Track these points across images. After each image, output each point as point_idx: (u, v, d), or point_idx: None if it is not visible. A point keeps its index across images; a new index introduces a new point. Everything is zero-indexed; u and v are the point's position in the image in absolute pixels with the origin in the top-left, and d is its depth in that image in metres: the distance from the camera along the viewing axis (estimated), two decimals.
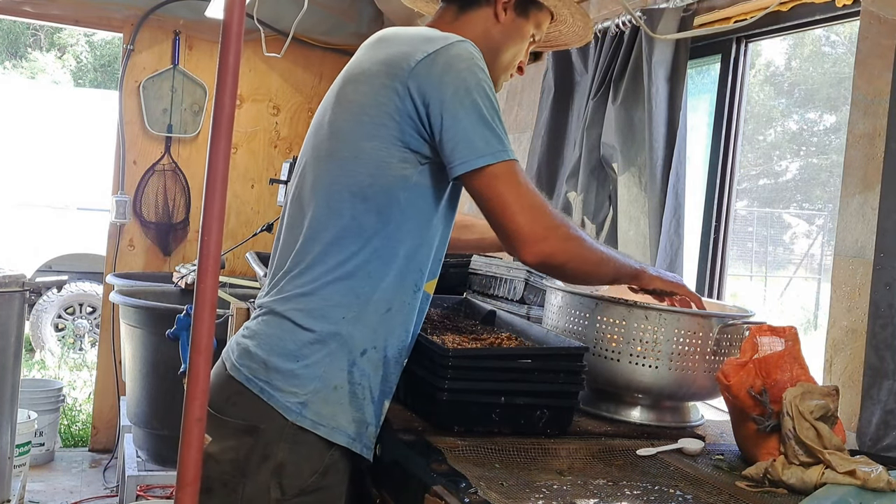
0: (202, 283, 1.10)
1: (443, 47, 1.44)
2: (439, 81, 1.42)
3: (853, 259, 1.88)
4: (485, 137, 1.42)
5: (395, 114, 1.44)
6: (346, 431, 1.48)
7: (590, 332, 1.74)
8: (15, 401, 3.11)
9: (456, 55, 1.44)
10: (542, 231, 1.44)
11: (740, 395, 1.53)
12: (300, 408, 1.45)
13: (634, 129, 2.58)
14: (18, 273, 3.05)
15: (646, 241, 2.49)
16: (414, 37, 1.50)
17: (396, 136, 1.45)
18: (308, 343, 1.46)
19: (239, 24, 1.10)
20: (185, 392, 1.14)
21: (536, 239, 1.44)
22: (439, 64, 1.43)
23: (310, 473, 1.46)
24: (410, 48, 1.46)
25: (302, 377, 1.46)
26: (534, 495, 1.29)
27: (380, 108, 1.45)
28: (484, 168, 1.42)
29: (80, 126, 7.59)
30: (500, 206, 1.43)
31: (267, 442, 1.45)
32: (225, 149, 1.10)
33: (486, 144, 1.42)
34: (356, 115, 1.48)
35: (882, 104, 1.82)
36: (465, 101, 1.42)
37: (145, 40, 4.59)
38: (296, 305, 1.48)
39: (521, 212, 1.43)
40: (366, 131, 1.47)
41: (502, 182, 1.43)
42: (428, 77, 1.43)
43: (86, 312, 7.55)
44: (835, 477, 1.36)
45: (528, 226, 1.44)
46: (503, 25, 1.62)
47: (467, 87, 1.42)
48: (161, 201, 4.67)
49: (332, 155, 1.51)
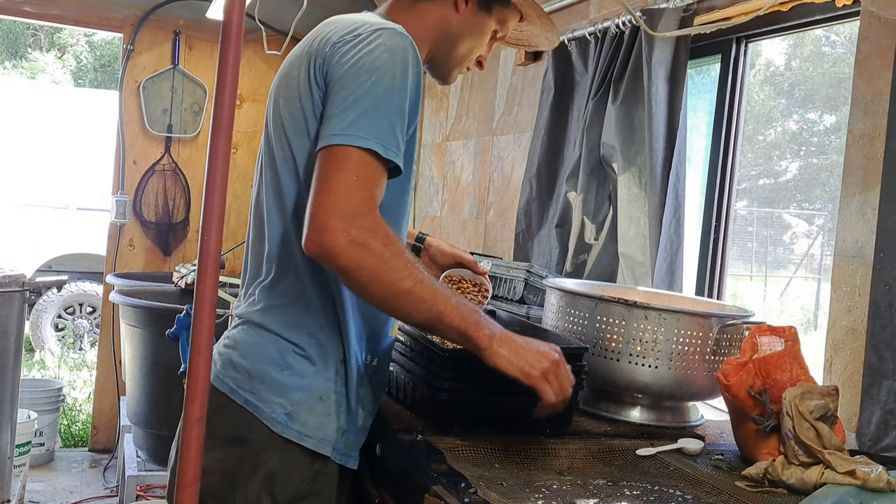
0: (202, 283, 1.10)
1: (364, 34, 1.36)
2: (340, 61, 1.34)
3: (853, 259, 1.88)
4: (355, 119, 1.29)
5: (315, 106, 1.38)
6: (332, 442, 1.45)
7: (590, 332, 1.74)
8: (15, 401, 3.11)
9: (372, 40, 1.34)
10: (332, 223, 1.24)
11: (740, 395, 1.53)
12: (286, 419, 1.42)
13: (634, 129, 2.58)
14: (18, 273, 3.05)
15: (646, 241, 2.50)
16: (346, 22, 1.42)
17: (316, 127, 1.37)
18: (290, 352, 1.43)
19: (239, 24, 1.10)
20: (185, 392, 1.14)
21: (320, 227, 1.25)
22: (350, 46, 1.35)
23: (300, 480, 1.44)
24: (333, 33, 1.39)
25: (287, 387, 1.42)
26: (534, 495, 1.29)
27: (300, 101, 1.39)
28: (329, 147, 1.29)
29: (80, 126, 7.59)
30: (318, 183, 1.27)
31: (256, 452, 1.42)
32: (225, 149, 1.10)
33: (350, 124, 1.29)
34: (286, 110, 1.42)
35: (882, 104, 1.83)
36: (355, 80, 1.31)
37: (145, 40, 4.60)
38: (273, 317, 1.44)
39: (333, 195, 1.25)
40: (296, 128, 1.41)
41: (333, 161, 1.27)
42: (333, 59, 1.35)
43: (86, 312, 7.55)
44: (834, 477, 1.36)
45: (325, 212, 1.24)
46: (462, 17, 1.56)
47: (366, 68, 1.32)
48: (161, 201, 4.67)
49: (274, 157, 1.45)
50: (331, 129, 1.30)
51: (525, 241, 3.13)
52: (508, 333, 1.37)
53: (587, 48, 2.88)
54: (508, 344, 1.36)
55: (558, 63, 3.03)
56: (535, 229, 3.08)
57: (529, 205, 3.09)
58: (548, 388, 1.35)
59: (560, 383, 1.37)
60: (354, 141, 1.27)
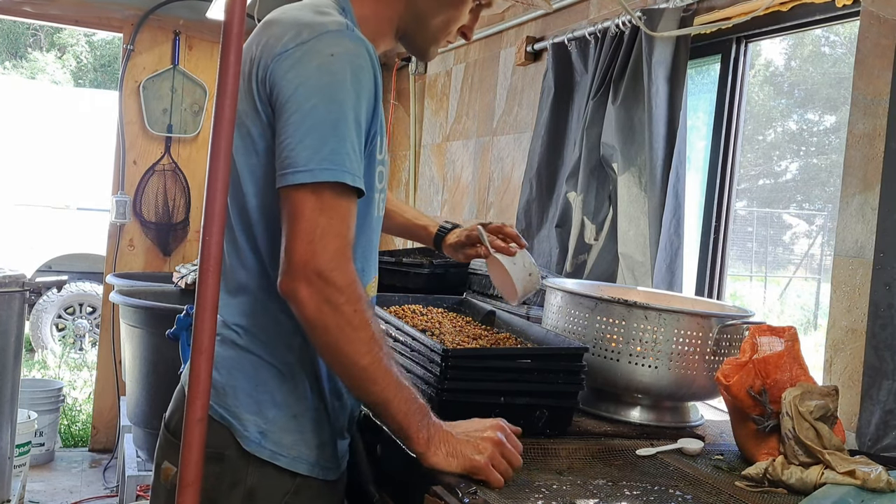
0: (203, 283, 1.10)
1: (310, 40, 1.28)
2: (286, 77, 1.27)
3: (853, 259, 1.88)
4: (315, 148, 1.23)
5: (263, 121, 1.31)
6: (307, 459, 1.41)
7: (590, 332, 1.74)
8: (15, 401, 3.12)
9: (317, 50, 1.27)
10: (318, 280, 1.22)
11: (740, 395, 1.53)
12: (259, 437, 1.38)
13: (634, 129, 2.58)
14: (18, 273, 3.05)
15: (646, 241, 2.50)
16: (288, 23, 1.33)
17: (265, 146, 1.32)
18: (263, 369, 1.39)
19: (239, 24, 1.10)
20: (186, 392, 1.14)
21: (302, 275, 1.22)
22: (294, 58, 1.27)
23: (282, 495, 1.40)
24: (275, 40, 1.31)
25: (261, 404, 1.38)
26: (534, 495, 1.29)
27: (247, 117, 1.33)
28: (295, 186, 1.23)
29: (80, 126, 7.60)
30: (292, 225, 1.24)
31: (234, 468, 1.37)
32: (225, 149, 1.10)
33: (312, 156, 1.23)
34: (238, 125, 1.33)
35: (882, 104, 1.83)
36: (307, 101, 1.25)
37: (145, 40, 4.60)
38: (244, 333, 1.40)
39: (309, 243, 1.23)
40: (243, 145, 1.34)
41: (312, 203, 1.23)
42: (278, 72, 1.27)
43: (86, 312, 7.55)
44: (834, 477, 1.36)
45: (302, 260, 1.22)
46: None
47: (313, 85, 1.25)
48: (161, 201, 4.68)
49: (230, 174, 1.39)
50: (293, 164, 1.24)
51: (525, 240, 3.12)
52: (446, 430, 1.33)
53: (587, 48, 2.88)
54: (446, 443, 1.32)
55: (558, 63, 3.03)
56: (535, 229, 3.08)
57: (529, 205, 3.09)
58: (495, 476, 1.30)
59: (509, 461, 1.33)
60: (321, 176, 1.23)
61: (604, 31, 2.75)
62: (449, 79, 4.20)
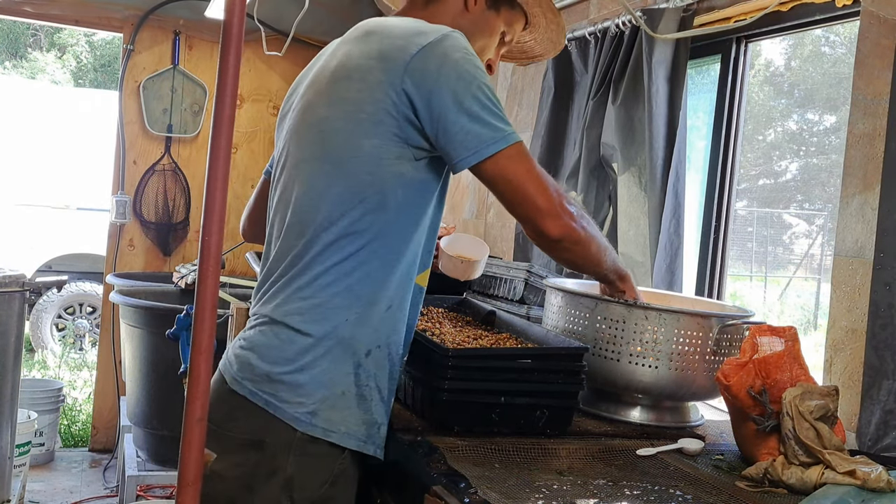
0: (202, 283, 1.10)
1: (436, 39, 1.42)
2: (437, 74, 1.40)
3: (853, 259, 1.88)
4: (489, 125, 1.41)
5: (393, 110, 1.41)
6: (357, 435, 1.45)
7: (590, 332, 1.74)
8: (15, 401, 3.11)
9: (450, 46, 1.42)
10: (561, 208, 1.46)
11: (740, 395, 1.53)
12: (309, 417, 1.42)
13: (634, 129, 2.58)
14: (18, 273, 3.05)
15: (646, 241, 2.50)
16: (405, 30, 1.47)
17: (394, 132, 1.42)
18: (309, 349, 1.43)
19: (239, 24, 1.10)
20: (186, 392, 1.14)
21: (557, 213, 1.45)
22: (435, 56, 1.41)
23: (319, 484, 1.43)
24: (403, 41, 1.43)
25: (307, 386, 1.42)
26: (534, 495, 1.29)
27: (377, 105, 1.42)
28: (495, 154, 1.41)
29: (80, 126, 7.59)
30: (519, 186, 1.44)
31: (274, 456, 1.41)
32: (225, 149, 1.10)
33: (492, 132, 1.41)
34: (352, 114, 1.44)
35: (882, 104, 1.83)
36: (464, 92, 1.40)
37: (145, 40, 4.60)
38: (295, 310, 1.45)
39: (540, 188, 1.44)
40: (363, 129, 1.43)
41: (515, 163, 1.43)
42: (424, 71, 1.40)
43: (86, 312, 7.55)
44: (834, 477, 1.36)
45: (548, 201, 1.44)
46: (472, 15, 1.60)
47: (465, 77, 1.41)
48: (161, 201, 4.67)
49: (327, 156, 1.47)
50: (481, 143, 1.41)
51: (525, 241, 3.13)
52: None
53: (587, 48, 2.88)
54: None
55: (558, 63, 3.03)
56: None
57: None
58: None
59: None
60: (508, 140, 1.42)
61: (604, 30, 2.75)
62: None
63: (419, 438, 1.51)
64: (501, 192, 1.45)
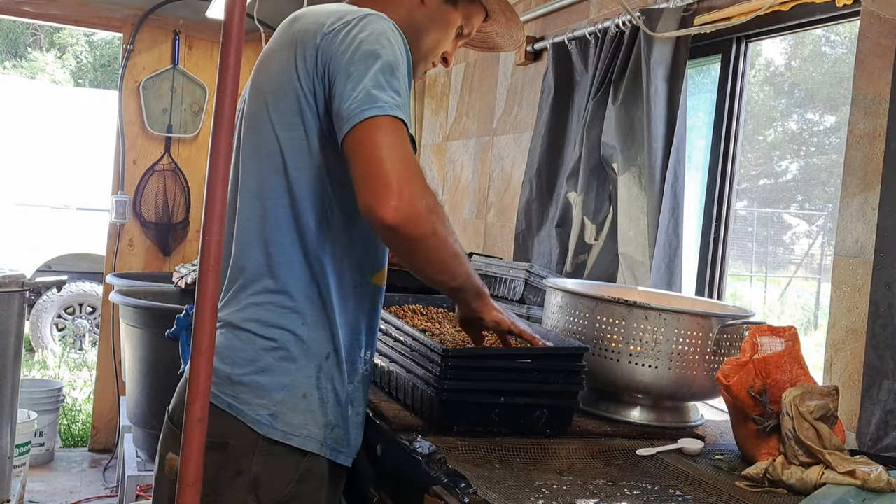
0: (203, 282, 1.10)
1: (353, 20, 1.38)
2: (339, 48, 1.35)
3: (853, 259, 1.88)
4: (370, 95, 1.30)
5: (309, 95, 1.38)
6: (317, 438, 1.44)
7: (590, 332, 1.74)
8: (15, 401, 3.11)
9: (364, 25, 1.37)
10: (410, 192, 1.27)
11: (740, 395, 1.53)
12: (270, 420, 1.41)
13: (634, 129, 2.58)
14: (18, 273, 3.05)
15: (646, 241, 2.50)
16: (325, 12, 1.43)
17: (313, 121, 1.38)
18: (269, 352, 1.42)
19: (239, 24, 1.10)
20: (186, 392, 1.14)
21: (402, 197, 1.26)
22: (344, 32, 1.36)
23: (286, 484, 1.42)
24: (318, 24, 1.40)
25: (268, 388, 1.41)
26: (534, 495, 1.29)
27: (294, 92, 1.39)
28: (366, 119, 1.29)
29: (80, 126, 7.59)
30: (373, 155, 1.28)
31: (238, 457, 1.40)
32: (225, 149, 1.10)
33: (372, 99, 1.30)
34: (273, 104, 1.41)
35: (882, 104, 1.83)
36: (360, 62, 1.33)
37: (145, 40, 4.60)
38: (251, 316, 1.43)
39: (395, 164, 1.27)
40: (283, 120, 1.40)
41: (382, 132, 1.29)
42: (330, 46, 1.36)
43: (86, 312, 7.55)
44: (834, 477, 1.36)
45: (397, 181, 1.27)
46: (428, 9, 1.57)
47: (367, 50, 1.34)
48: (161, 201, 4.67)
49: (257, 151, 1.44)
50: (359, 107, 1.30)
51: (525, 241, 3.13)
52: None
53: (587, 48, 2.88)
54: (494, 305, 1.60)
55: (558, 63, 3.03)
56: (535, 229, 3.08)
57: (529, 205, 3.09)
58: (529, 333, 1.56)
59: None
60: (386, 110, 1.30)
61: (604, 30, 2.75)
62: (449, 78, 4.20)
63: (419, 438, 1.51)
64: (354, 160, 1.30)
